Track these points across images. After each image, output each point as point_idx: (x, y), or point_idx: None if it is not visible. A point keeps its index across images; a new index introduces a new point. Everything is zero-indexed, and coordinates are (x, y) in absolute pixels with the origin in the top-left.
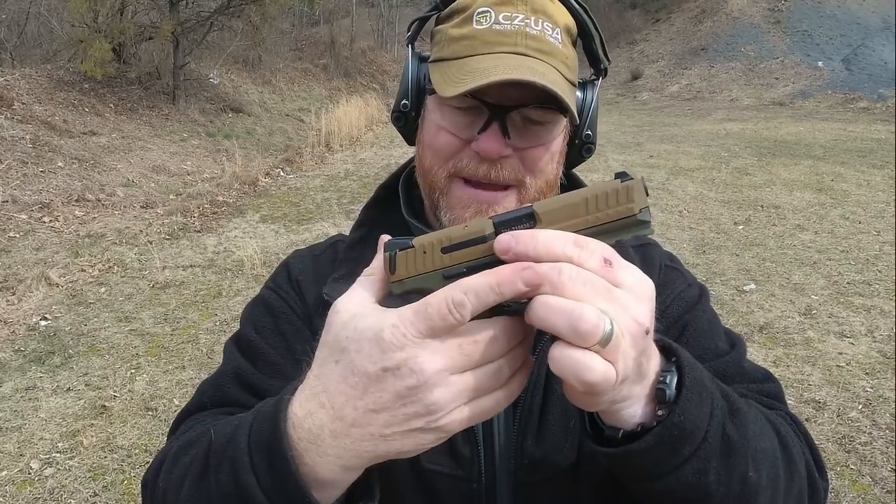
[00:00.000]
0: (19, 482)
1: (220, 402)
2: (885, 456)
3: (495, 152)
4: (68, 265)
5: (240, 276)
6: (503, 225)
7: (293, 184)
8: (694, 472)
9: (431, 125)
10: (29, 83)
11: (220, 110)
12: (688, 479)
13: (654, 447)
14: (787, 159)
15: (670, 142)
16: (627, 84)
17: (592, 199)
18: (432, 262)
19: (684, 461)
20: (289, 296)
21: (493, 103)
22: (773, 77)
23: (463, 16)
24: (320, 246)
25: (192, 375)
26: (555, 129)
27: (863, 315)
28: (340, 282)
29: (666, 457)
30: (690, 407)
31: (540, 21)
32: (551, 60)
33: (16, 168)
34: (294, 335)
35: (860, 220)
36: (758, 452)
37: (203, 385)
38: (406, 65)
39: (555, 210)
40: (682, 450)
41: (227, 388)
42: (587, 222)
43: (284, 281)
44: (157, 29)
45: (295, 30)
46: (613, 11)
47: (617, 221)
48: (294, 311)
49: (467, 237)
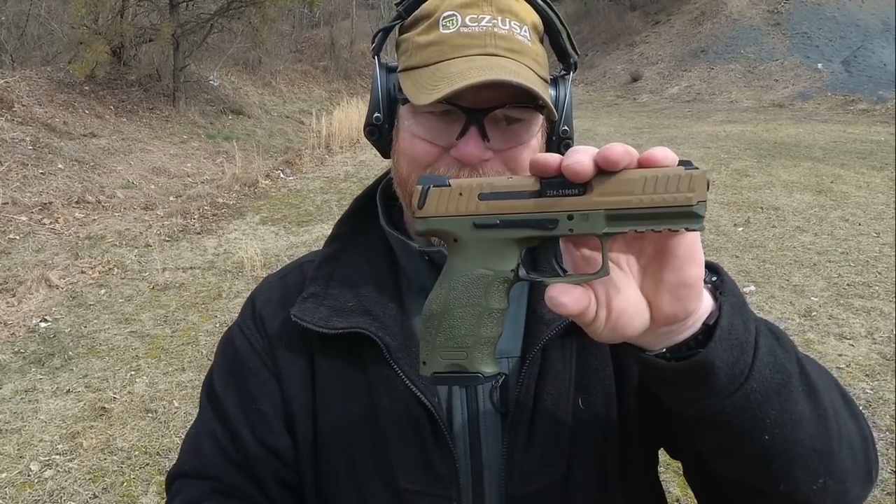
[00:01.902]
0: (19, 484)
1: (201, 474)
2: (885, 457)
3: (476, 157)
4: (68, 267)
5: (240, 278)
6: (551, 186)
7: (293, 185)
8: (768, 349)
9: (406, 135)
10: (29, 85)
11: (220, 112)
12: (768, 358)
13: (732, 318)
14: (787, 161)
15: (670, 144)
16: (627, 86)
17: (651, 180)
18: (465, 206)
19: (756, 338)
20: (251, 333)
21: (469, 107)
22: (773, 79)
23: (428, 22)
24: (289, 266)
25: (192, 377)
26: (533, 127)
27: (863, 317)
28: (309, 301)
29: (743, 332)
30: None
31: (507, 20)
32: (522, 59)
33: (16, 170)
34: (259, 388)
35: (860, 221)
36: (814, 374)
37: (186, 439)
38: (374, 77)
39: (611, 181)
40: (749, 323)
41: (206, 457)
42: (641, 202)
43: (248, 317)
44: (158, 31)
45: (295, 32)
46: (613, 13)
47: (672, 208)
48: (257, 353)
49: (510, 188)
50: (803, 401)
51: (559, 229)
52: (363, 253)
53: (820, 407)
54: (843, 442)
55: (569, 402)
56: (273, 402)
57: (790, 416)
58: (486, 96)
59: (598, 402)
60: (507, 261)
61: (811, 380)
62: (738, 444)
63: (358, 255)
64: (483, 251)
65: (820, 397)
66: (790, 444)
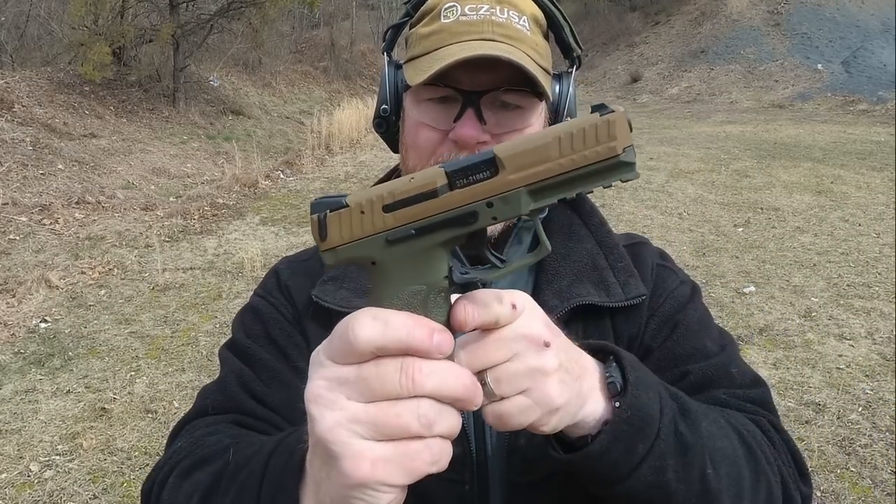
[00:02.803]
0: (19, 484)
1: (225, 407)
2: (885, 458)
3: (472, 138)
4: (68, 267)
5: (240, 279)
6: (458, 175)
7: (293, 186)
8: (652, 470)
9: (411, 123)
10: (29, 86)
11: (220, 113)
12: (647, 478)
13: (612, 444)
14: (787, 161)
15: (670, 144)
16: (627, 86)
17: (567, 139)
18: (372, 224)
19: (641, 460)
20: (278, 301)
21: (466, 90)
22: (773, 79)
23: (431, 14)
24: (307, 252)
25: (192, 378)
26: (531, 115)
27: (863, 317)
28: (329, 284)
29: (624, 455)
30: (640, 395)
31: (505, 10)
32: (520, 45)
33: (16, 170)
34: (286, 340)
35: (860, 222)
36: (715, 451)
37: (204, 390)
38: (383, 72)
39: (520, 153)
40: (637, 447)
41: (232, 392)
42: (561, 167)
43: (274, 287)
44: (158, 31)
45: (295, 32)
46: (613, 14)
47: (596, 164)
48: (284, 317)
49: (414, 191)
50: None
51: (481, 220)
52: None
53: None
54: None
55: None
56: (300, 351)
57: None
58: (482, 79)
59: None
60: (436, 269)
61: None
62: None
63: None
64: (407, 267)
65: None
66: None
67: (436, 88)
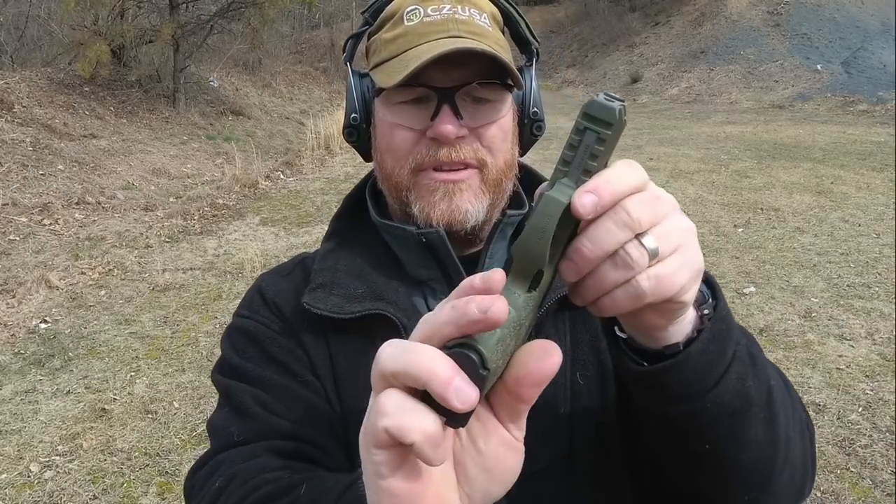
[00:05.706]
0: (19, 485)
1: (256, 432)
2: (885, 459)
3: (451, 133)
4: (68, 268)
5: (240, 279)
6: None
7: (293, 186)
8: (738, 376)
9: (385, 127)
10: (29, 86)
11: (220, 113)
12: (734, 384)
13: (710, 343)
14: (787, 162)
15: (670, 144)
16: (627, 87)
17: None
18: None
19: (729, 364)
20: (268, 319)
21: (440, 87)
22: (773, 80)
23: (393, 20)
24: (287, 266)
25: (192, 378)
26: (503, 106)
27: (863, 318)
28: (319, 291)
29: (717, 357)
30: (720, 297)
31: (466, 8)
32: (484, 40)
33: (16, 171)
34: (287, 357)
35: (860, 222)
36: (769, 368)
37: (218, 422)
38: (349, 81)
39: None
40: (727, 350)
41: (255, 414)
42: None
43: (260, 305)
44: (158, 32)
45: (295, 33)
46: (613, 14)
47: None
48: (278, 334)
49: None
50: (758, 427)
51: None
52: (362, 247)
53: (773, 434)
54: (787, 465)
55: (566, 378)
56: (303, 364)
57: (738, 438)
58: (454, 76)
59: (595, 377)
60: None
61: (774, 409)
62: (680, 442)
63: (357, 250)
64: None
65: (777, 427)
66: (732, 460)
67: (409, 90)
